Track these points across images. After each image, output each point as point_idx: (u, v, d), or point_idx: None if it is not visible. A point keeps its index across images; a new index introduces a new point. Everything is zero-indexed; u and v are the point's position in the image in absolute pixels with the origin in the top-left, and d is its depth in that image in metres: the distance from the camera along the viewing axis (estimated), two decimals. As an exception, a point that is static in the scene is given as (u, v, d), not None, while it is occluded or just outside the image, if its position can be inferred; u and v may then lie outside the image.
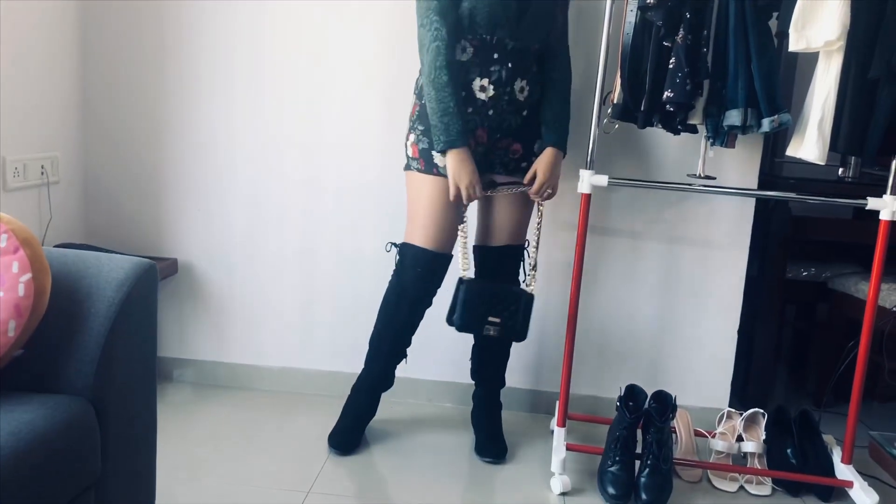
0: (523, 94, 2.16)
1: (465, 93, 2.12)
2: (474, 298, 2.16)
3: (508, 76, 2.12)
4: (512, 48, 2.11)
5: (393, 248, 2.30)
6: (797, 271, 2.98)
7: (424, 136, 2.16)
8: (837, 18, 1.92)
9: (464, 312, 2.16)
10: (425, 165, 2.17)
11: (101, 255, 1.58)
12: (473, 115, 2.13)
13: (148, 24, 2.60)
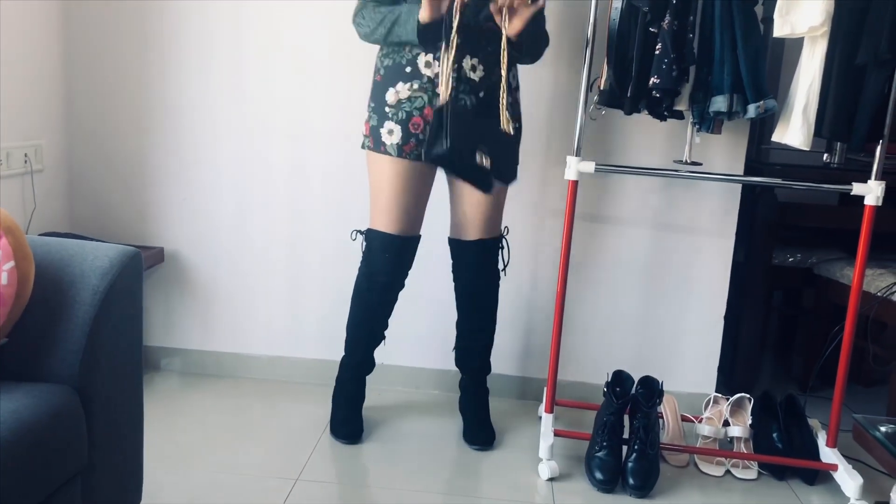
0: (476, 73, 2.09)
1: (410, 68, 2.08)
2: (462, 124, 1.92)
3: (456, 52, 2.00)
4: (459, 23, 2.00)
5: (358, 235, 2.27)
6: (783, 257, 3.00)
7: (374, 112, 2.14)
8: (821, 4, 1.92)
9: (453, 137, 1.88)
10: (374, 143, 2.15)
11: (86, 244, 1.57)
12: (419, 93, 2.08)
13: (131, 13, 2.58)
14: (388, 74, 2.13)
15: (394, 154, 2.12)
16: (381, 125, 2.13)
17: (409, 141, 2.11)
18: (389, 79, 2.12)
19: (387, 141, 2.12)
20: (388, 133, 2.12)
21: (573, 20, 2.44)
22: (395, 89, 2.11)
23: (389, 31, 2.06)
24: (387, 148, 2.13)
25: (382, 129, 2.13)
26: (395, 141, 2.12)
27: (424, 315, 2.64)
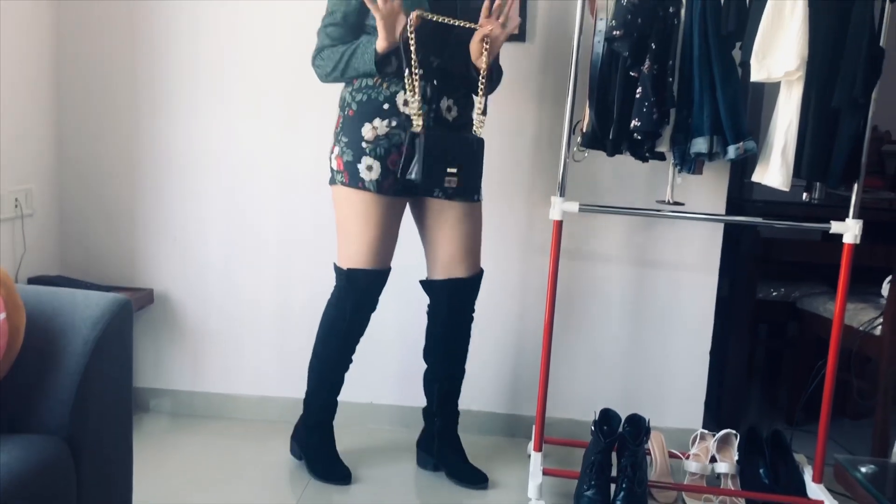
0: (451, 114, 2.15)
1: (389, 105, 2.12)
2: (433, 150, 2.03)
3: (434, 93, 2.11)
4: (437, 66, 2.12)
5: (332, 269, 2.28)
6: (767, 291, 3.04)
7: (349, 147, 2.15)
8: (796, 49, 1.98)
9: (424, 165, 2.01)
10: (350, 179, 2.15)
11: (77, 292, 1.59)
12: (398, 130, 2.12)
13: (122, 59, 2.62)
14: (363, 110, 2.14)
15: (373, 190, 2.14)
16: (357, 161, 2.14)
17: (388, 177, 2.14)
18: (364, 114, 2.14)
19: (365, 177, 2.14)
20: (367, 169, 2.14)
21: (556, 63, 2.49)
22: (371, 125, 2.13)
23: (347, 64, 2.10)
24: (366, 184, 2.14)
25: (360, 164, 2.14)
26: (374, 177, 2.14)
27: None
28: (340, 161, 2.17)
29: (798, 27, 1.99)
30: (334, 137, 2.21)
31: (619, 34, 2.05)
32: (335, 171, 2.19)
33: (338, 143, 2.18)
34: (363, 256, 2.20)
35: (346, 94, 2.19)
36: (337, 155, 2.18)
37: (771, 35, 2.00)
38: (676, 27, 2.12)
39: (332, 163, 2.20)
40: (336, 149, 2.19)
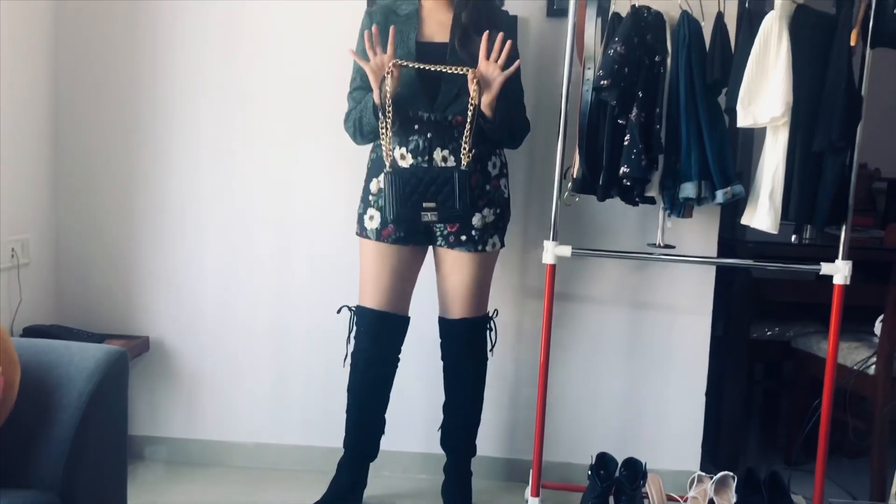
0: (447, 164, 2.19)
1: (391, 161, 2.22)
2: (404, 186, 2.12)
3: (427, 145, 2.19)
4: (428, 119, 2.19)
5: (345, 308, 2.36)
6: (761, 331, 3.05)
7: (362, 201, 2.32)
8: (781, 96, 2.02)
9: (395, 203, 2.12)
10: (359, 228, 2.31)
11: (72, 345, 1.60)
12: None
13: (118, 105, 2.66)
14: (373, 167, 2.31)
15: (373, 238, 2.28)
16: (364, 212, 2.30)
17: (388, 226, 2.25)
18: (373, 170, 2.30)
19: (368, 226, 2.29)
20: (370, 219, 2.28)
21: (546, 109, 2.53)
22: (377, 179, 2.26)
23: (360, 121, 2.24)
24: (368, 233, 2.29)
25: (365, 215, 2.29)
26: (374, 226, 2.27)
27: (410, 397, 2.65)
28: (357, 214, 2.34)
29: (782, 74, 2.03)
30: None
31: (606, 84, 2.09)
32: (356, 222, 2.35)
33: (360, 198, 2.34)
34: (370, 296, 2.31)
35: (368, 153, 2.34)
36: (357, 208, 2.35)
37: (756, 82, 2.05)
38: (663, 76, 2.16)
39: (356, 214, 2.36)
40: (359, 202, 2.35)
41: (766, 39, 2.05)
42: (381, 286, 2.30)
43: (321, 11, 2.58)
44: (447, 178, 2.12)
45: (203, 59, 2.63)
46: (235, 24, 2.61)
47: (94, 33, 2.64)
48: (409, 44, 2.19)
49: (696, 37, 2.15)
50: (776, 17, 2.06)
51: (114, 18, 2.63)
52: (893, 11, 2.02)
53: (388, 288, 2.30)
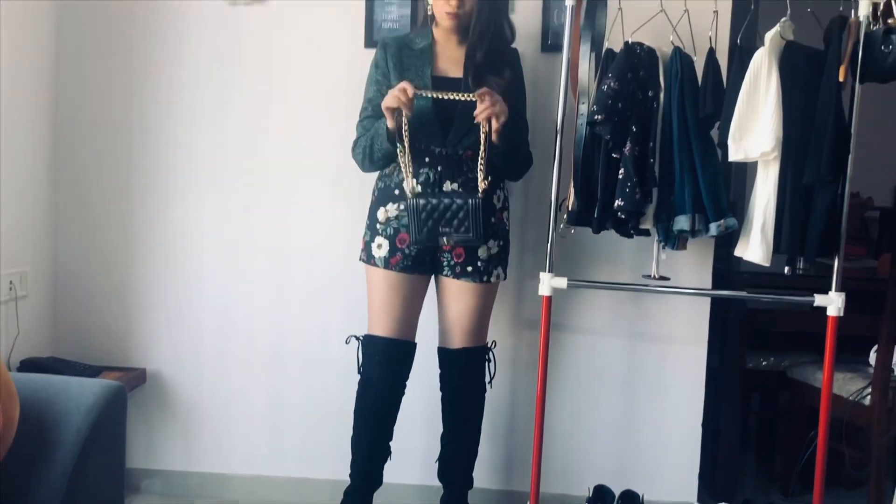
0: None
1: (399, 191, 2.26)
2: (422, 213, 2.16)
3: (437, 178, 2.23)
4: (439, 153, 2.23)
5: (353, 339, 2.38)
6: (757, 361, 3.06)
7: (369, 229, 2.33)
8: (771, 131, 2.06)
9: (416, 228, 2.17)
10: (367, 256, 2.33)
11: (70, 380, 1.61)
12: (405, 212, 2.23)
13: (117, 134, 2.68)
14: (380, 196, 2.32)
15: (381, 266, 2.29)
16: (372, 240, 2.31)
17: (396, 254, 2.27)
18: (381, 199, 2.32)
19: (376, 254, 2.30)
20: (378, 247, 2.30)
21: (541, 142, 2.55)
22: (385, 209, 2.29)
23: (371, 147, 2.27)
24: (376, 261, 2.30)
25: (373, 243, 2.31)
26: (382, 254, 2.29)
27: (408, 429, 2.64)
28: (363, 241, 2.35)
29: (772, 109, 2.07)
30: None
31: (600, 118, 2.12)
32: (361, 249, 2.37)
33: (365, 226, 2.36)
34: (380, 324, 2.33)
35: (375, 182, 2.37)
36: (363, 235, 2.36)
37: (746, 117, 2.08)
38: (656, 110, 2.20)
39: (361, 242, 2.37)
40: (363, 230, 2.36)
41: (756, 75, 2.09)
42: (391, 313, 2.31)
43: (322, 41, 2.62)
44: (461, 206, 2.16)
45: (203, 89, 2.66)
46: (236, 53, 2.65)
47: (96, 65, 2.67)
48: (425, 78, 2.23)
49: (688, 72, 2.19)
50: (766, 52, 2.10)
51: (113, 53, 2.66)
52: (880, 48, 2.06)
53: (397, 315, 2.32)
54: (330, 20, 2.62)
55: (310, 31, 2.63)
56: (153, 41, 2.65)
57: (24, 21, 2.52)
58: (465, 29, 2.26)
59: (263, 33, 2.63)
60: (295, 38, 2.63)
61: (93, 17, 2.66)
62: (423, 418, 2.61)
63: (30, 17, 2.55)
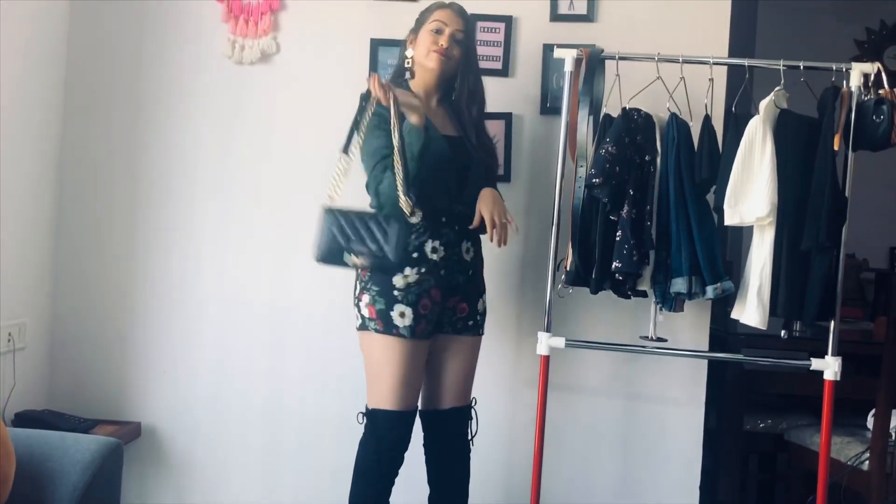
0: (469, 255, 2.27)
1: (418, 254, 2.19)
2: (334, 227, 2.09)
3: (455, 238, 2.23)
4: (458, 212, 2.23)
5: (363, 417, 2.25)
6: (754, 423, 3.05)
7: (380, 296, 2.17)
8: (766, 197, 2.09)
9: (323, 242, 2.09)
10: (384, 326, 2.18)
11: (67, 436, 1.61)
12: (427, 275, 2.20)
13: (118, 189, 2.71)
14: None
15: (407, 336, 2.17)
16: (390, 308, 2.16)
17: (420, 322, 2.19)
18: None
19: (399, 323, 2.16)
20: (400, 316, 2.16)
21: (539, 203, 2.59)
22: (402, 274, 2.17)
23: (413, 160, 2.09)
24: (400, 330, 2.17)
25: (393, 312, 2.16)
26: (407, 323, 2.17)
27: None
28: (372, 309, 2.18)
29: (767, 175, 2.11)
30: (360, 285, 2.22)
31: (598, 181, 2.16)
32: (366, 319, 2.20)
33: (367, 292, 2.20)
34: (388, 397, 2.20)
35: None
36: (368, 304, 2.19)
37: (742, 183, 2.12)
38: (653, 174, 2.24)
39: (363, 311, 2.21)
40: (365, 297, 2.20)
41: (752, 142, 2.13)
42: (411, 386, 2.21)
43: (327, 97, 2.65)
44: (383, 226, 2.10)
45: (201, 145, 2.70)
46: (235, 107, 2.69)
47: (100, 126, 2.72)
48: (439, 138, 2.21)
49: (684, 137, 2.24)
50: (760, 120, 2.15)
51: (117, 105, 2.71)
52: (872, 118, 2.11)
53: (412, 384, 2.22)
54: (334, 81, 2.67)
55: (314, 90, 2.68)
56: (159, 100, 2.71)
57: (32, 82, 2.57)
58: (444, 85, 2.26)
59: (268, 90, 2.68)
60: (299, 97, 2.68)
61: (100, 74, 2.72)
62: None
63: (39, 80, 2.60)
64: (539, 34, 2.60)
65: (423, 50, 2.22)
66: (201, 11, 2.69)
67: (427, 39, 2.22)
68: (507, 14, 2.60)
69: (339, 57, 2.66)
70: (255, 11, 2.65)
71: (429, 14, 2.26)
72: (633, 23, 2.56)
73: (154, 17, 2.70)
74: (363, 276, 2.22)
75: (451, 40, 2.22)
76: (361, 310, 2.22)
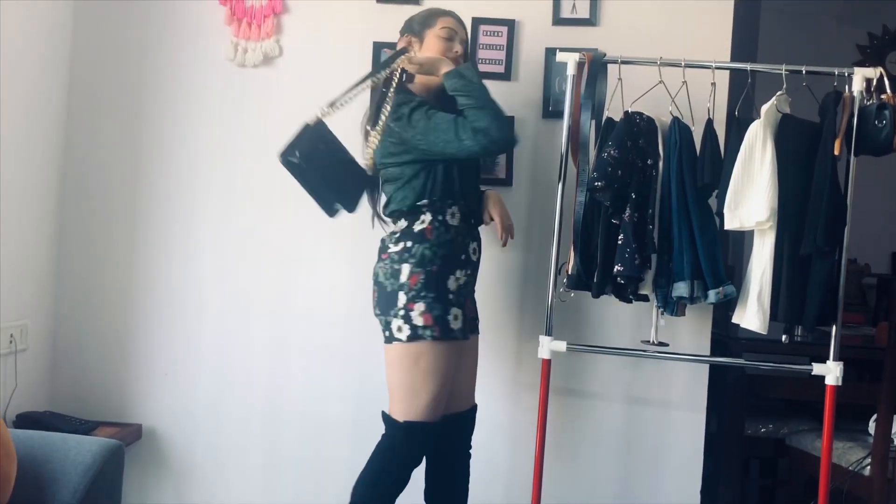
0: (475, 256, 2.29)
1: (464, 256, 2.20)
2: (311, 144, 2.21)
3: (468, 213, 2.26)
4: (473, 191, 2.29)
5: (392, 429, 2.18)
6: (756, 428, 3.04)
7: (437, 302, 2.12)
8: (766, 201, 2.09)
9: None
10: (442, 332, 2.12)
11: (69, 438, 1.61)
12: (471, 276, 2.24)
13: (122, 191, 2.72)
14: (445, 264, 2.16)
15: (461, 337, 2.18)
16: (447, 313, 2.13)
17: (467, 322, 2.22)
18: (447, 268, 2.16)
19: (454, 326, 2.15)
20: (454, 319, 2.15)
21: (541, 206, 2.59)
22: (454, 277, 2.17)
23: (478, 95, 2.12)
24: (455, 333, 2.15)
25: (449, 316, 2.14)
26: (460, 325, 2.17)
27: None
28: (429, 317, 2.12)
29: (767, 179, 2.11)
30: (410, 294, 2.13)
31: (600, 185, 2.16)
32: (420, 328, 2.12)
33: (421, 300, 2.12)
34: (428, 408, 2.16)
35: (424, 251, 2.14)
36: (423, 311, 2.12)
37: (742, 187, 2.13)
38: (655, 178, 2.24)
39: (415, 320, 2.12)
40: (419, 306, 2.12)
41: (752, 146, 2.13)
42: (442, 393, 2.17)
43: (324, 100, 2.61)
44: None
45: (203, 148, 2.70)
46: (237, 110, 2.69)
47: (104, 129, 2.72)
48: None
49: (686, 141, 2.24)
50: (761, 125, 2.15)
51: (119, 108, 2.72)
52: (874, 122, 2.11)
53: (445, 394, 2.19)
54: (338, 84, 2.64)
55: (317, 93, 2.66)
56: (162, 103, 2.71)
57: (35, 85, 2.58)
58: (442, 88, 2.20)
59: (271, 93, 2.69)
60: (302, 101, 2.68)
61: (103, 77, 2.72)
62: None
63: (42, 83, 2.61)
64: (541, 38, 2.60)
65: (434, 54, 2.22)
66: (204, 14, 2.69)
67: (439, 45, 2.23)
68: (510, 18, 2.60)
69: (341, 60, 2.66)
70: (258, 14, 2.66)
71: (433, 19, 2.26)
72: (635, 27, 2.56)
73: (157, 20, 2.70)
74: (413, 283, 2.13)
75: (462, 47, 2.27)
76: (413, 320, 2.12)
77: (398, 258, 2.16)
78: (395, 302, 2.14)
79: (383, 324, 2.18)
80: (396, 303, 2.14)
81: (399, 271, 2.14)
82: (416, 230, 2.16)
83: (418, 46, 2.25)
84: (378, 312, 2.20)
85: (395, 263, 2.15)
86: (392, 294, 2.14)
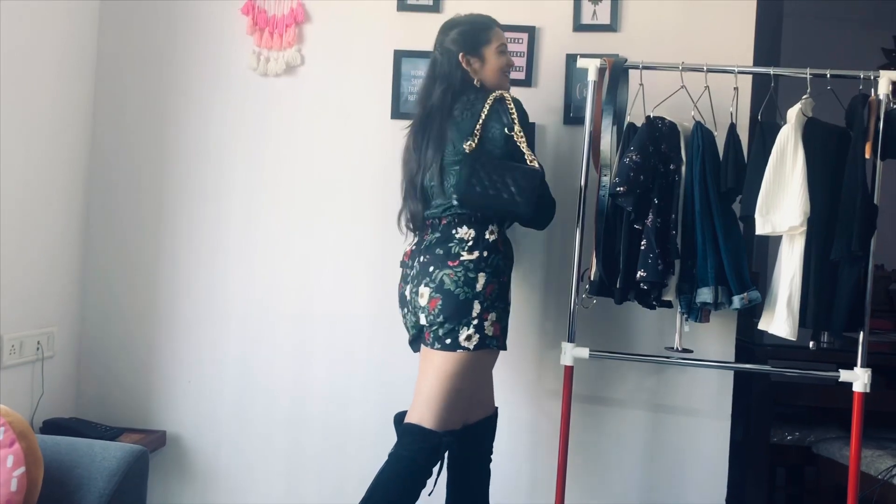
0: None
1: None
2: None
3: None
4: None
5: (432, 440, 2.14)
6: (782, 435, 3.00)
7: (505, 312, 2.20)
8: (799, 206, 2.07)
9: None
10: (501, 342, 2.19)
11: (94, 444, 1.62)
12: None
13: (146, 200, 2.74)
14: (509, 275, 2.25)
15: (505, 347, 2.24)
16: (507, 324, 2.23)
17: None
18: (510, 279, 2.25)
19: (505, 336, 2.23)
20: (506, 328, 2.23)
21: (563, 212, 2.57)
22: (510, 288, 2.27)
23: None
24: (504, 343, 2.22)
25: (508, 326, 2.23)
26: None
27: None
28: (498, 327, 2.15)
29: (799, 184, 2.09)
30: (486, 304, 2.13)
31: (622, 190, 2.15)
32: (489, 337, 2.13)
33: (493, 310, 2.14)
34: (460, 416, 2.20)
35: (498, 261, 2.18)
36: (494, 321, 2.14)
37: (773, 192, 2.10)
38: (678, 183, 2.22)
39: (487, 330, 2.12)
40: (492, 315, 2.13)
41: (783, 151, 2.11)
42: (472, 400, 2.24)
43: (351, 112, 2.68)
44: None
45: (227, 156, 2.73)
46: (260, 118, 2.71)
47: (129, 137, 2.75)
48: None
49: (709, 146, 2.22)
50: (792, 128, 2.13)
51: (144, 116, 2.75)
52: (902, 125, 2.09)
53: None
54: (358, 92, 2.68)
55: (338, 101, 2.70)
56: (185, 112, 2.74)
57: (61, 94, 2.61)
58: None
59: (293, 102, 2.70)
60: (324, 109, 2.70)
61: (128, 86, 2.75)
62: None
63: (68, 92, 2.64)
64: (562, 44, 2.60)
65: (496, 71, 2.27)
66: (227, 24, 2.72)
67: (499, 61, 2.28)
68: (531, 24, 2.60)
69: (363, 68, 2.68)
70: (280, 24, 2.68)
71: (485, 34, 2.27)
72: (656, 32, 2.55)
73: (180, 29, 2.73)
74: (488, 294, 2.13)
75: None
76: (485, 329, 2.12)
77: (474, 267, 2.12)
78: (468, 311, 2.11)
79: (445, 331, 2.11)
80: (471, 312, 2.11)
81: (475, 280, 2.12)
82: (489, 240, 2.16)
83: (478, 64, 2.26)
84: (440, 320, 2.12)
85: (471, 272, 2.12)
86: (466, 302, 2.11)
